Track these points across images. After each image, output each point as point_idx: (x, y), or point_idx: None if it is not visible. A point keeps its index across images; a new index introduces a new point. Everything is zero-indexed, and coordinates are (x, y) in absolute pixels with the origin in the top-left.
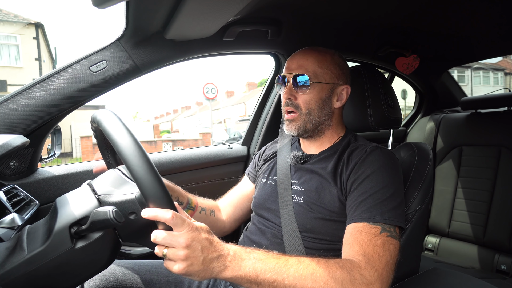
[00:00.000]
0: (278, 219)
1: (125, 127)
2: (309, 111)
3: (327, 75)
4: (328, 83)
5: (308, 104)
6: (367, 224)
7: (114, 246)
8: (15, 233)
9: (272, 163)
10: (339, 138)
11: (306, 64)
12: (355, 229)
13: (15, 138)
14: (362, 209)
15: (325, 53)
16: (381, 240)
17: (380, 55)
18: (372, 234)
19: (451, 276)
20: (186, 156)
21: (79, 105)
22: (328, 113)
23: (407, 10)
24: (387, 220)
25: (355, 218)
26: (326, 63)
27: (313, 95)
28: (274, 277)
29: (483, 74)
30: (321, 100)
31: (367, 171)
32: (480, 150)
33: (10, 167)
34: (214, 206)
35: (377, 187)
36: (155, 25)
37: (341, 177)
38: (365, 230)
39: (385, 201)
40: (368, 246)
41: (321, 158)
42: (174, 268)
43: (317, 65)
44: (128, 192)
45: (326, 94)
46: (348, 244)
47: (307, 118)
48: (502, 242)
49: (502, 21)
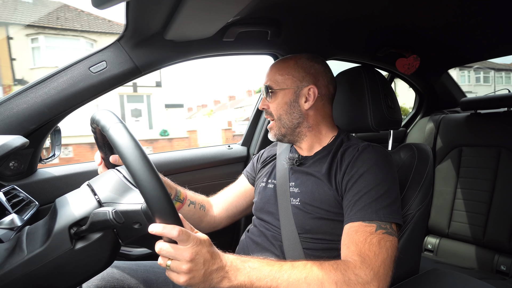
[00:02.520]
0: (278, 222)
1: (131, 137)
2: (279, 117)
3: (288, 81)
4: (289, 88)
5: (276, 110)
6: (362, 223)
7: (113, 247)
8: (14, 234)
9: (272, 166)
10: (332, 138)
11: (269, 74)
12: (351, 229)
13: (14, 138)
14: (357, 208)
15: (289, 59)
16: (376, 238)
17: (380, 56)
18: (368, 233)
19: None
20: (185, 156)
21: (79, 106)
22: (300, 115)
23: (407, 11)
24: (382, 217)
25: (350, 218)
26: (287, 69)
27: (278, 101)
28: (268, 284)
29: (505, 74)
30: (286, 104)
31: (360, 170)
32: (480, 151)
33: (10, 167)
34: (205, 201)
35: (370, 185)
36: (155, 25)
37: (335, 177)
38: (360, 229)
39: (379, 198)
40: (364, 245)
41: (316, 159)
42: (177, 280)
43: (277, 73)
44: (133, 202)
45: (290, 98)
46: (345, 245)
47: (280, 124)
48: (502, 242)
49: (502, 21)
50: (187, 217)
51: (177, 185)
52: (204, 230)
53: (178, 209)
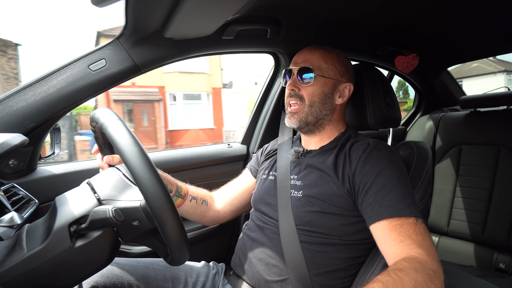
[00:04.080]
0: (276, 214)
1: (130, 134)
2: (312, 103)
3: (331, 71)
4: (331, 79)
5: (311, 96)
6: (401, 218)
7: (113, 245)
8: (14, 231)
9: (273, 160)
10: (339, 133)
11: (312, 58)
12: (392, 223)
13: (14, 136)
14: (388, 204)
15: (332, 51)
16: (420, 228)
17: (380, 54)
18: (413, 224)
19: (450, 275)
20: (185, 155)
21: (78, 104)
22: (330, 108)
23: (407, 9)
24: (414, 212)
25: (382, 214)
26: (332, 60)
27: (316, 87)
28: None
29: None
30: (323, 94)
31: (377, 166)
32: (479, 149)
33: (9, 165)
34: (208, 196)
35: (393, 181)
36: (154, 23)
37: (343, 170)
38: (404, 223)
39: (405, 194)
40: (418, 237)
41: (320, 152)
42: None
43: (322, 60)
44: (132, 199)
45: (329, 89)
46: (394, 240)
47: (309, 111)
48: (501, 240)
49: (501, 19)
50: (189, 213)
51: (178, 180)
52: (207, 224)
53: (180, 205)
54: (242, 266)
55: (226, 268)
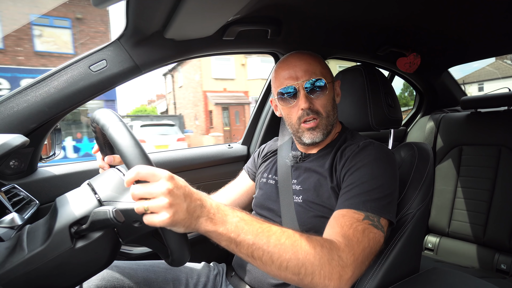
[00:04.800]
0: (278, 219)
1: (131, 135)
2: (328, 114)
3: (328, 74)
4: (331, 82)
5: (326, 107)
6: (351, 210)
7: (114, 246)
8: (15, 232)
9: (272, 162)
10: (336, 135)
11: (313, 68)
12: (339, 213)
13: (15, 137)
14: (347, 197)
15: (312, 54)
16: (362, 226)
17: (380, 55)
18: (354, 219)
19: (451, 276)
20: (185, 156)
21: (79, 105)
22: (336, 111)
23: (407, 10)
24: (370, 209)
25: (339, 206)
26: (322, 63)
27: (328, 97)
28: (253, 240)
29: None
30: (332, 100)
31: (358, 164)
32: (480, 150)
33: (10, 166)
34: None
35: (364, 178)
36: (155, 24)
37: (335, 172)
38: (348, 215)
39: (371, 191)
40: (349, 229)
41: (319, 156)
42: (159, 219)
43: (320, 66)
44: (133, 200)
45: (331, 93)
46: (330, 225)
47: (327, 122)
48: (502, 241)
49: (502, 20)
50: None
51: None
52: None
53: None
54: (244, 267)
55: (227, 269)
